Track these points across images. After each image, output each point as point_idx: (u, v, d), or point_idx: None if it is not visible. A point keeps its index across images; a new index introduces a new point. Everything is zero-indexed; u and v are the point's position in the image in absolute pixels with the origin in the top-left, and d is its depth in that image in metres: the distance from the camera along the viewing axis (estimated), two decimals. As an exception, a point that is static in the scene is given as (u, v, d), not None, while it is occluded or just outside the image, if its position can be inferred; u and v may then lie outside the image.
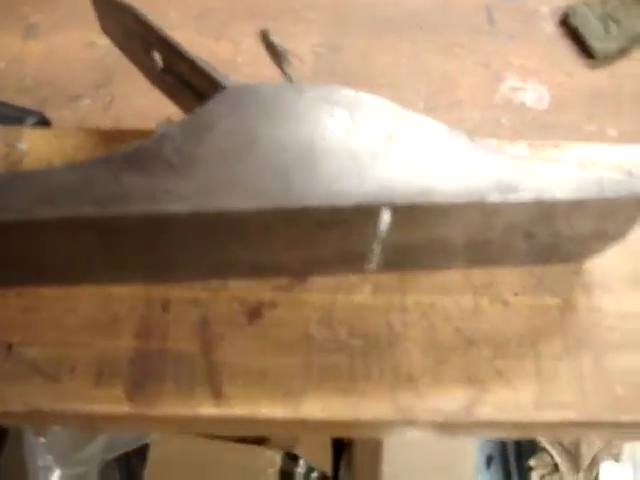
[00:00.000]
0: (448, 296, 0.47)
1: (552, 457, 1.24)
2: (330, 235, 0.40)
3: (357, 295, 0.46)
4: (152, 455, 1.08)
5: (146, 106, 0.59)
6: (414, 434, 0.46)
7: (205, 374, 0.44)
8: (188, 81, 0.45)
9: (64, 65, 0.62)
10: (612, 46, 0.63)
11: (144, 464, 1.07)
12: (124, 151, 0.38)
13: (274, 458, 1.10)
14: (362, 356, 0.45)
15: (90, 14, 0.49)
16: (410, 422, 0.43)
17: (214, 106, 0.39)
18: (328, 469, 1.16)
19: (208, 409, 0.43)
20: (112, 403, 0.43)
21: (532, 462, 1.26)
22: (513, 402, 0.44)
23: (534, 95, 0.62)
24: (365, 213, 0.39)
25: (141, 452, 1.08)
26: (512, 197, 0.39)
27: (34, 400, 0.43)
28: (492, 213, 0.40)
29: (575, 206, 0.40)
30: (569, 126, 0.60)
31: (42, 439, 1.04)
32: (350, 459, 1.16)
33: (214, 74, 0.41)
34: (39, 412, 0.43)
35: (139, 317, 0.45)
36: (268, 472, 1.09)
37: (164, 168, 0.37)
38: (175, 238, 0.40)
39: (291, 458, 1.14)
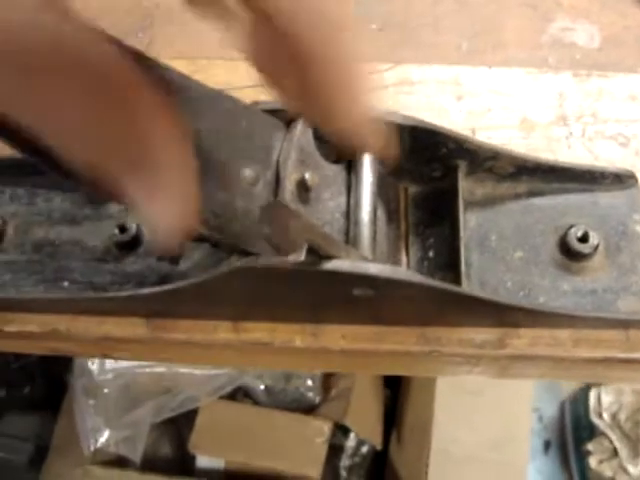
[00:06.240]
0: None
1: (611, 442, 1.19)
2: None
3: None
4: (200, 420, 1.08)
5: (185, 50, 0.58)
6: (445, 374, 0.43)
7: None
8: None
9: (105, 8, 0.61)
10: (670, -19, 0.59)
11: (192, 429, 1.08)
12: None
13: (322, 428, 1.08)
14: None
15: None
16: (437, 353, 0.41)
17: None
18: (378, 443, 1.14)
19: (225, 334, 0.42)
20: (129, 326, 0.43)
21: (590, 447, 1.21)
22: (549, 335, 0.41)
23: (584, 35, 0.59)
24: None
25: (189, 417, 1.09)
26: None
27: (51, 319, 0.42)
28: None
29: None
30: (621, 65, 0.57)
31: (92, 401, 1.06)
32: (400, 434, 1.14)
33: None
34: (55, 332, 0.42)
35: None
36: (316, 442, 1.08)
37: None
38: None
39: (341, 431, 1.13)
